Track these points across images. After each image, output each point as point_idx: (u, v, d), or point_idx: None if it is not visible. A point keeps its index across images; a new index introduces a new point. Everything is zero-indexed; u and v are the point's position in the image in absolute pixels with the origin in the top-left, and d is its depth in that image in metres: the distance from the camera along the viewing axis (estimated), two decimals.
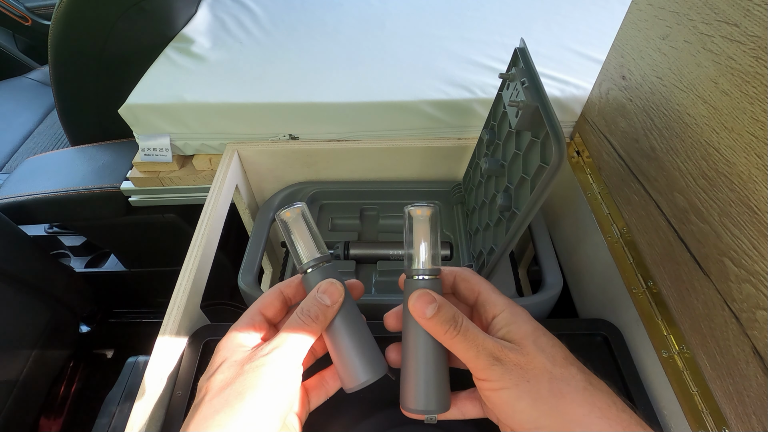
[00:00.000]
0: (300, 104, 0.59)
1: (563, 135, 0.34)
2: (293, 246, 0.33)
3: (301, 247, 0.33)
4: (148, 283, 1.02)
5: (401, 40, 0.72)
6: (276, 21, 0.77)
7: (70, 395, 0.93)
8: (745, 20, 0.32)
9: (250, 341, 0.30)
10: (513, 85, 0.42)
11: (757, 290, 0.31)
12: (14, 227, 0.76)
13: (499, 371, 0.26)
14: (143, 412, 0.35)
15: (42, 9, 1.38)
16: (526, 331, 0.28)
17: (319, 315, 0.30)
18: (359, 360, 0.30)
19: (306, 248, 0.32)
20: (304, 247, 0.32)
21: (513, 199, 0.41)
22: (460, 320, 0.28)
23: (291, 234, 0.33)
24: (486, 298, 0.31)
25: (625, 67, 0.48)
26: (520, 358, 0.26)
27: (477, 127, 0.59)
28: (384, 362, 0.32)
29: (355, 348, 0.30)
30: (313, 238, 0.33)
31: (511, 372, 0.26)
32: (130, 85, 0.62)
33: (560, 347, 0.28)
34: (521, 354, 0.27)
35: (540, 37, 0.71)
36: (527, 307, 0.47)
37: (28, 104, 1.22)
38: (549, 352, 0.27)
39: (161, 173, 0.65)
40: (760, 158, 0.31)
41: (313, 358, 0.33)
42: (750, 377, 0.31)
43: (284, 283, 0.33)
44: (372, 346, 0.31)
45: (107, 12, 0.69)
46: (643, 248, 0.45)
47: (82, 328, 1.03)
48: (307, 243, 0.33)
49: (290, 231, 0.33)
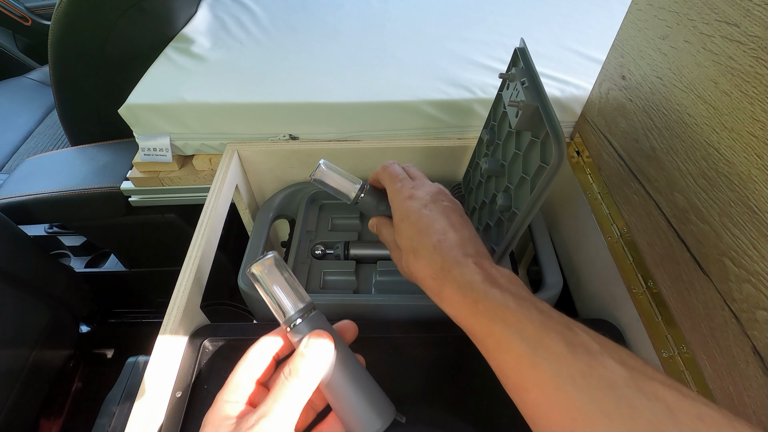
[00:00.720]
0: (300, 104, 0.59)
1: (563, 135, 0.34)
2: (272, 300, 0.30)
3: (281, 300, 0.30)
4: (148, 283, 1.02)
5: (401, 40, 0.72)
6: (276, 21, 0.77)
7: (70, 395, 0.93)
8: (745, 20, 0.32)
9: (236, 410, 0.27)
10: (513, 85, 0.42)
11: (757, 290, 0.31)
12: (14, 227, 0.76)
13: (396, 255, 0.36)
14: (143, 412, 0.35)
15: (42, 9, 1.39)
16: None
17: (307, 374, 0.27)
18: (367, 410, 0.28)
19: (287, 300, 0.30)
20: (284, 299, 0.30)
21: (513, 199, 0.41)
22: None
23: (267, 288, 0.30)
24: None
25: (625, 67, 0.48)
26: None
27: (477, 127, 0.59)
28: (390, 403, 0.30)
29: (359, 398, 0.28)
30: (292, 288, 0.30)
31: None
32: (130, 85, 0.62)
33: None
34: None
35: (540, 37, 0.71)
36: None
37: (28, 104, 1.22)
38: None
39: (161, 173, 0.65)
40: (760, 158, 0.31)
41: (313, 413, 0.31)
42: (750, 377, 0.31)
43: (270, 339, 0.30)
44: (375, 390, 0.30)
45: (107, 12, 0.69)
46: (643, 248, 0.45)
47: (82, 328, 1.03)
48: (288, 294, 0.30)
49: (266, 285, 0.30)
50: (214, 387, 0.40)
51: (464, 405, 0.38)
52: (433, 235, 0.32)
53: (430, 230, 0.33)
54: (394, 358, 0.41)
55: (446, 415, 0.38)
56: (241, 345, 0.43)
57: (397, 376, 0.40)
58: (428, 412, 0.38)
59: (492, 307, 0.27)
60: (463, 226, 0.34)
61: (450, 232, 0.33)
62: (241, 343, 0.43)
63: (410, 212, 0.34)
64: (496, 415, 0.38)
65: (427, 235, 0.33)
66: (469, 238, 0.33)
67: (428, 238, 0.32)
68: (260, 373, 0.29)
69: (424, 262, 0.32)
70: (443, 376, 0.41)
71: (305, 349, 0.28)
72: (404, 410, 0.37)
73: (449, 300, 0.30)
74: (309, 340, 0.28)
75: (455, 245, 0.32)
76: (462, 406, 0.38)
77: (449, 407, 0.38)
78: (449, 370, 0.41)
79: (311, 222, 0.58)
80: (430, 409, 0.38)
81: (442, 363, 0.41)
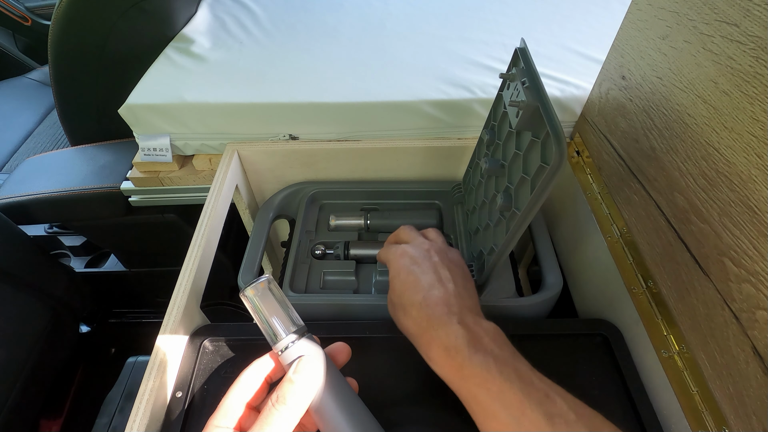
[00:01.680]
0: (300, 104, 0.59)
1: (564, 135, 0.34)
2: (264, 323, 0.30)
3: (273, 324, 0.30)
4: (148, 283, 1.02)
5: (401, 40, 0.72)
6: (276, 21, 0.77)
7: (70, 395, 0.93)
8: (745, 20, 0.32)
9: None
10: (513, 85, 0.42)
11: (757, 290, 0.31)
12: (14, 227, 0.76)
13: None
14: (143, 412, 0.35)
15: (42, 9, 1.38)
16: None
17: (295, 401, 0.27)
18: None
19: (279, 324, 0.30)
20: (276, 323, 0.30)
21: (513, 199, 0.41)
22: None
23: (259, 312, 0.30)
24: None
25: (625, 67, 0.48)
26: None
27: (477, 127, 0.59)
28: (381, 429, 0.30)
29: (348, 425, 0.28)
30: (285, 312, 0.30)
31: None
32: (130, 85, 0.62)
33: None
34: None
35: (540, 37, 0.71)
36: (528, 307, 0.47)
37: (28, 104, 1.22)
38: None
39: (161, 173, 0.65)
40: (760, 158, 0.31)
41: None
42: (750, 377, 0.31)
43: (262, 362, 0.30)
44: (366, 416, 0.30)
45: (107, 12, 0.69)
46: (643, 248, 0.45)
47: (82, 328, 1.03)
48: (280, 318, 0.30)
49: (258, 308, 0.30)
50: (214, 387, 0.40)
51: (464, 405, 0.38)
52: (420, 292, 0.34)
53: (417, 287, 0.34)
54: (394, 358, 0.41)
55: (446, 415, 0.38)
56: (241, 345, 0.43)
57: (397, 376, 0.40)
58: (428, 412, 0.38)
59: (476, 373, 0.29)
60: (449, 280, 0.35)
61: (436, 288, 0.34)
62: (241, 343, 0.43)
63: (400, 269, 0.37)
64: None
65: (414, 293, 0.34)
66: (454, 293, 0.34)
67: (415, 296, 0.34)
68: (251, 396, 0.29)
69: (411, 320, 0.34)
70: None
71: (293, 375, 0.28)
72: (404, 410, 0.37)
73: (436, 361, 0.31)
74: (298, 366, 0.28)
75: (440, 302, 0.33)
76: (462, 406, 0.38)
77: (449, 407, 0.38)
78: None
79: (311, 222, 0.58)
80: (430, 409, 0.38)
81: None
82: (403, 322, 0.35)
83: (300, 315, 0.32)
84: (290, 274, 0.50)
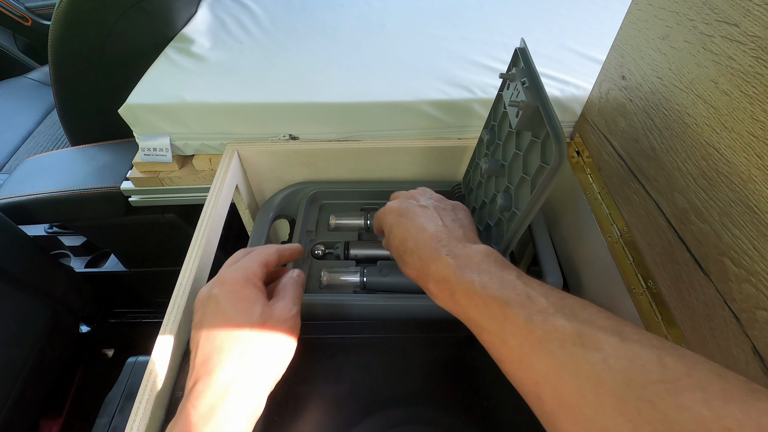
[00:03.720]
0: (300, 104, 0.59)
1: (563, 135, 0.34)
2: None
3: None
4: (148, 283, 1.02)
5: (401, 40, 0.72)
6: (276, 21, 0.77)
7: (70, 395, 0.93)
8: (745, 20, 0.32)
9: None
10: (513, 85, 0.42)
11: (757, 290, 0.31)
12: (14, 227, 0.76)
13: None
14: (143, 412, 0.35)
15: (42, 9, 1.38)
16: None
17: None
18: None
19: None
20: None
21: (513, 199, 0.41)
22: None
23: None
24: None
25: (625, 67, 0.48)
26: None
27: (477, 127, 0.59)
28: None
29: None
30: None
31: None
32: (130, 85, 0.62)
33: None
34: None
35: (540, 37, 0.71)
36: None
37: (28, 104, 1.22)
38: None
39: (161, 173, 0.65)
40: (760, 158, 0.31)
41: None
42: (750, 377, 0.31)
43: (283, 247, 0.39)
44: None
45: (107, 12, 0.69)
46: (643, 248, 0.45)
47: (82, 328, 1.03)
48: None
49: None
50: None
51: (464, 405, 0.38)
52: (410, 240, 0.36)
53: (407, 235, 0.36)
54: (394, 358, 0.41)
55: (446, 415, 0.38)
56: None
57: (397, 376, 0.40)
58: (428, 412, 0.38)
59: (464, 295, 0.30)
60: (435, 219, 0.37)
61: (423, 231, 0.36)
62: None
63: (392, 225, 0.38)
64: (496, 415, 0.38)
65: (405, 241, 0.36)
66: (443, 229, 0.36)
67: (407, 244, 0.36)
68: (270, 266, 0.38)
69: (409, 267, 0.36)
70: (443, 376, 0.41)
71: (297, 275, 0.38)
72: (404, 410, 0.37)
73: (435, 295, 0.33)
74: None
75: (430, 241, 0.35)
76: (462, 406, 0.38)
77: (449, 407, 0.38)
78: (449, 370, 0.41)
79: (311, 222, 0.58)
80: (430, 409, 0.38)
81: (442, 363, 0.41)
82: (406, 272, 0.36)
83: (300, 315, 0.32)
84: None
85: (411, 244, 0.35)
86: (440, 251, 0.33)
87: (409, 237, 0.36)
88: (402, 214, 0.38)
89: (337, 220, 0.57)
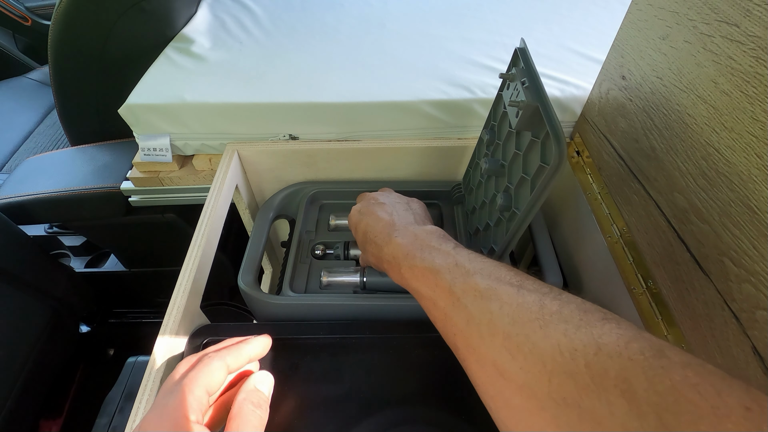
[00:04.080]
0: (300, 104, 0.59)
1: (563, 135, 0.34)
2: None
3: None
4: (148, 283, 1.02)
5: (401, 40, 0.72)
6: (276, 21, 0.77)
7: (70, 395, 0.93)
8: (745, 20, 0.32)
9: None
10: (513, 85, 0.42)
11: (757, 290, 0.31)
12: (14, 227, 0.76)
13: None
14: (143, 412, 0.35)
15: (42, 9, 1.38)
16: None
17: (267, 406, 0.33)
18: None
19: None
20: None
21: (513, 199, 0.41)
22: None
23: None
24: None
25: (625, 67, 0.48)
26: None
27: (477, 127, 0.59)
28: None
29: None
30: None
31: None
32: (130, 85, 0.62)
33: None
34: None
35: (540, 37, 0.71)
36: None
37: (28, 104, 1.22)
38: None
39: (161, 173, 0.65)
40: (760, 158, 0.31)
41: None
42: (750, 377, 0.31)
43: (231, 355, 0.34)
44: None
45: (107, 12, 0.69)
46: (643, 248, 0.45)
47: (82, 328, 1.03)
48: None
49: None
50: None
51: (464, 405, 0.38)
52: (369, 232, 0.40)
53: (367, 231, 0.41)
54: (394, 358, 0.41)
55: (446, 415, 0.38)
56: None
57: (397, 376, 0.40)
58: (428, 412, 0.38)
59: (408, 269, 0.34)
60: (387, 212, 0.41)
61: (378, 222, 0.40)
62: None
63: (357, 224, 0.43)
64: None
65: (366, 233, 0.41)
66: (396, 218, 0.40)
67: (367, 235, 0.41)
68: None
69: (372, 256, 0.40)
70: (443, 376, 0.41)
71: (260, 385, 0.34)
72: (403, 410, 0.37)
73: (390, 274, 0.37)
74: (261, 376, 0.35)
75: (384, 230, 0.39)
76: (462, 406, 0.38)
77: (449, 407, 0.38)
78: (449, 370, 0.41)
79: (311, 222, 0.58)
80: (430, 409, 0.38)
81: (442, 363, 0.41)
82: (368, 260, 0.41)
83: (300, 315, 0.32)
84: (290, 274, 0.50)
85: (370, 234, 0.40)
86: (392, 235, 0.37)
87: (369, 229, 0.41)
88: (363, 212, 0.43)
89: (337, 220, 0.57)
